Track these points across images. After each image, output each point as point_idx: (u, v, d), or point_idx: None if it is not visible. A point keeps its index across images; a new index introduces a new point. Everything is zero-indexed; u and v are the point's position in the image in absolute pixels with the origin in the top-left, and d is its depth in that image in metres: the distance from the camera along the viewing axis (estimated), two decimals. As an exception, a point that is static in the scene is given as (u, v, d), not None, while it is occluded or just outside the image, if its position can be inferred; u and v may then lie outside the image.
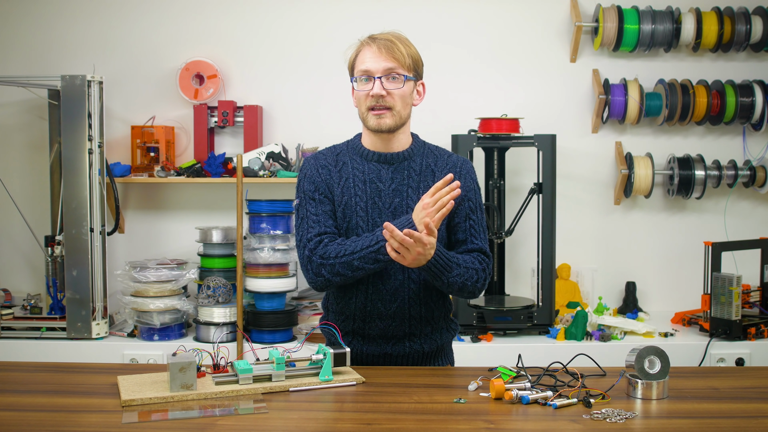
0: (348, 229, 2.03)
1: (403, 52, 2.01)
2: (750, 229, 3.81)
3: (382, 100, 2.00)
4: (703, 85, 3.70)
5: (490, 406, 1.68)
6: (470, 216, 2.08)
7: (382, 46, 2.00)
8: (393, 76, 2.00)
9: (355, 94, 2.06)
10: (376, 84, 2.00)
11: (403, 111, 2.04)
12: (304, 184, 2.08)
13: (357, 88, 2.04)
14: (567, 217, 3.75)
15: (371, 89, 2.00)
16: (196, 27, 3.78)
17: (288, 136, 3.76)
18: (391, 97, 2.01)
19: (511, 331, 3.38)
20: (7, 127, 3.79)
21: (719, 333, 3.27)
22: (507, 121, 3.41)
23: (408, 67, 2.02)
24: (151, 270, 3.35)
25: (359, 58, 2.04)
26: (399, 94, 2.01)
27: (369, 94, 2.01)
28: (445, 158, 2.11)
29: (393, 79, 2.00)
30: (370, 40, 2.03)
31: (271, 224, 3.37)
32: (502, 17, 3.79)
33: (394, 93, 2.01)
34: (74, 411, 1.64)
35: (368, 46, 2.03)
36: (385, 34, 2.05)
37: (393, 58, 2.00)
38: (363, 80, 2.02)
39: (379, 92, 1.99)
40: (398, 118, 2.03)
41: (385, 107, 2.01)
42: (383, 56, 2.00)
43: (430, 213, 1.89)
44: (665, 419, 1.60)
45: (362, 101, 2.04)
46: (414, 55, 2.05)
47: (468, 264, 2.01)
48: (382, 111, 2.01)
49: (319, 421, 1.61)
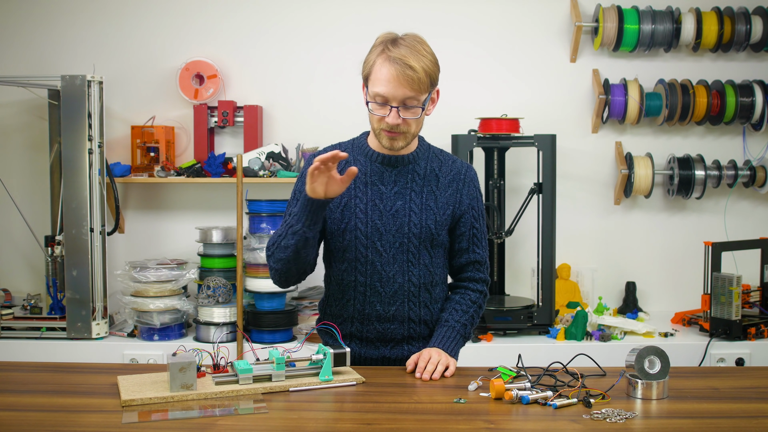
0: (346, 230, 2.02)
1: (422, 77, 1.88)
2: (750, 229, 3.81)
3: (396, 128, 1.94)
4: (703, 85, 3.70)
5: (490, 406, 1.67)
6: (474, 225, 2.09)
7: (401, 73, 1.87)
8: (408, 104, 1.92)
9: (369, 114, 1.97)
10: (392, 114, 1.91)
11: (416, 130, 1.99)
12: (299, 182, 2.07)
13: (371, 110, 1.95)
14: (567, 217, 3.75)
15: (386, 116, 1.92)
16: (196, 27, 3.78)
17: (288, 136, 3.76)
18: (406, 124, 1.94)
19: (511, 331, 3.38)
20: (7, 127, 3.79)
21: (719, 333, 3.27)
22: (507, 121, 3.41)
23: (425, 88, 1.91)
24: (151, 270, 3.35)
25: (376, 74, 1.91)
26: (414, 120, 1.95)
27: (384, 119, 1.94)
28: (450, 164, 2.09)
29: (410, 108, 1.93)
30: (390, 55, 1.89)
31: (271, 224, 3.37)
32: (502, 17, 3.80)
33: (409, 121, 1.95)
34: (74, 411, 1.63)
35: (389, 62, 1.89)
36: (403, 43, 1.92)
37: (411, 88, 1.89)
38: (377, 103, 1.93)
39: (394, 122, 1.92)
40: (410, 138, 1.98)
41: (399, 132, 1.95)
42: (402, 84, 1.88)
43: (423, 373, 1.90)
44: (665, 419, 1.60)
45: (375, 121, 1.97)
46: (431, 69, 1.92)
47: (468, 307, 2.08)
48: (396, 134, 1.96)
49: (319, 421, 1.61)
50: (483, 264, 2.12)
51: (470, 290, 2.11)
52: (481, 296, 2.11)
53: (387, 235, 2.01)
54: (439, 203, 2.04)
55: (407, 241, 2.01)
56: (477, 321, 2.12)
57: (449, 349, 1.98)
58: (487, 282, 2.14)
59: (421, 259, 2.03)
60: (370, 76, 1.94)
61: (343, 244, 2.03)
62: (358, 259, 2.02)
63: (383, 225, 2.01)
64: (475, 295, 2.10)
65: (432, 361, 1.91)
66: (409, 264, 2.03)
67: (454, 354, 2.00)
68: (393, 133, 1.96)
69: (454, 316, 2.05)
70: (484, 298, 2.13)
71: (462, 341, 2.05)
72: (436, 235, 2.03)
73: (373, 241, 2.01)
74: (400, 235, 2.01)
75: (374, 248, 2.01)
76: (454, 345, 2.01)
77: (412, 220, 2.01)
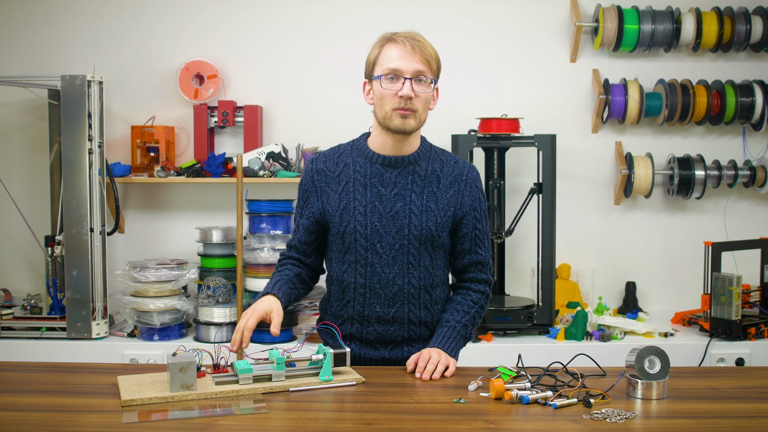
0: (345, 233, 2.01)
1: (432, 53, 1.94)
2: (750, 229, 3.81)
3: (409, 102, 1.93)
4: (703, 85, 3.70)
5: (490, 406, 1.67)
6: (476, 226, 2.07)
7: (414, 45, 1.91)
8: (421, 78, 1.94)
9: (378, 92, 1.96)
10: (406, 85, 1.91)
11: (423, 115, 1.99)
12: (300, 190, 2.11)
13: (383, 86, 1.93)
14: (567, 217, 3.75)
15: (400, 89, 1.92)
16: (196, 27, 3.78)
17: (288, 136, 3.76)
18: (418, 100, 1.94)
19: (511, 331, 3.38)
20: (7, 127, 3.79)
21: (719, 333, 3.27)
22: (507, 121, 3.41)
23: (434, 71, 1.96)
24: (151, 270, 3.35)
25: (385, 55, 1.94)
26: (424, 97, 1.96)
27: (397, 94, 1.93)
28: (452, 164, 2.07)
29: (421, 81, 1.94)
30: (398, 38, 1.94)
31: (271, 224, 3.37)
32: (502, 17, 3.80)
33: (421, 96, 1.95)
34: (74, 411, 1.63)
35: (396, 43, 1.93)
36: (408, 33, 1.97)
37: (424, 60, 1.92)
38: (389, 79, 1.93)
39: (408, 93, 1.92)
40: (420, 122, 1.98)
41: (410, 109, 1.94)
42: (415, 57, 1.91)
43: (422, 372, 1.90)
44: (665, 419, 1.60)
45: (387, 100, 1.94)
46: (436, 55, 1.97)
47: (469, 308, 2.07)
48: (407, 112, 1.94)
49: (319, 421, 1.61)
50: (486, 265, 2.11)
51: (472, 291, 2.10)
52: (483, 297, 2.10)
53: (387, 237, 2.00)
54: (440, 204, 2.02)
55: (407, 243, 2.01)
56: (479, 322, 2.11)
57: (449, 350, 1.98)
58: (490, 283, 2.13)
59: (421, 261, 2.03)
60: (377, 62, 1.96)
61: (343, 246, 2.03)
62: (358, 261, 2.02)
63: (383, 227, 2.00)
64: (477, 295, 2.09)
65: (432, 361, 1.91)
66: (409, 266, 2.02)
67: (455, 354, 2.00)
68: (405, 110, 1.94)
69: (455, 317, 2.05)
70: (486, 299, 2.12)
71: (463, 342, 2.05)
72: (437, 237, 2.02)
73: (372, 243, 2.01)
74: (400, 237, 2.00)
75: (374, 250, 2.01)
76: (455, 345, 2.01)
77: (412, 221, 2.00)
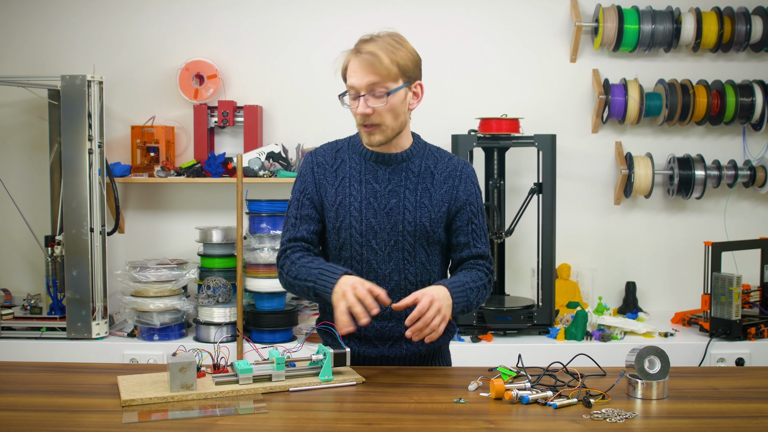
0: (341, 229, 2.02)
1: (386, 63, 1.90)
2: (750, 229, 3.81)
3: (368, 119, 1.95)
4: (703, 85, 3.70)
5: (490, 406, 1.67)
6: (472, 220, 2.06)
7: (365, 60, 1.91)
8: (376, 93, 1.93)
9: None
10: (361, 102, 1.94)
11: (394, 123, 1.98)
12: (297, 182, 2.09)
13: (347, 104, 1.99)
14: (567, 217, 3.75)
15: (357, 107, 1.95)
16: (196, 27, 3.78)
17: (288, 136, 3.76)
18: (378, 115, 1.94)
19: (511, 331, 3.38)
20: (7, 127, 3.80)
21: (719, 333, 3.27)
22: (507, 121, 3.41)
23: (394, 77, 1.92)
24: (151, 270, 3.35)
25: (346, 70, 1.97)
26: (386, 109, 1.94)
27: (356, 112, 1.96)
28: (446, 161, 2.08)
29: (377, 96, 1.93)
30: (356, 51, 1.94)
31: (271, 224, 3.37)
32: (502, 17, 3.80)
33: (380, 110, 1.94)
34: (74, 411, 1.63)
35: (354, 57, 1.94)
36: (375, 39, 1.96)
37: (375, 74, 1.90)
38: (351, 96, 1.95)
39: (363, 111, 1.93)
40: (389, 132, 1.98)
41: (372, 125, 1.96)
42: (365, 72, 1.90)
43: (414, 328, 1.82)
44: (665, 419, 1.60)
45: (354, 117, 1.99)
46: (402, 60, 1.93)
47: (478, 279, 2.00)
48: (371, 128, 1.96)
49: (319, 421, 1.61)
50: (486, 257, 2.08)
51: (476, 268, 2.05)
52: (486, 277, 2.05)
53: (382, 233, 2.00)
54: (433, 200, 2.02)
55: (402, 239, 2.01)
56: (482, 299, 2.04)
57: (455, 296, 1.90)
58: (492, 272, 2.08)
59: (417, 257, 2.03)
60: (344, 76, 2.00)
61: (339, 242, 2.03)
62: (353, 257, 2.02)
63: (378, 223, 2.00)
64: (481, 274, 2.04)
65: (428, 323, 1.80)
66: (405, 262, 2.02)
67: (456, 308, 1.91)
68: (368, 127, 1.96)
69: (464, 278, 1.99)
70: (490, 283, 2.06)
71: (466, 304, 1.96)
72: (432, 233, 2.02)
73: (368, 239, 2.01)
74: (395, 233, 2.00)
75: (369, 246, 2.01)
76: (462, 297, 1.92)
77: (407, 218, 2.00)
